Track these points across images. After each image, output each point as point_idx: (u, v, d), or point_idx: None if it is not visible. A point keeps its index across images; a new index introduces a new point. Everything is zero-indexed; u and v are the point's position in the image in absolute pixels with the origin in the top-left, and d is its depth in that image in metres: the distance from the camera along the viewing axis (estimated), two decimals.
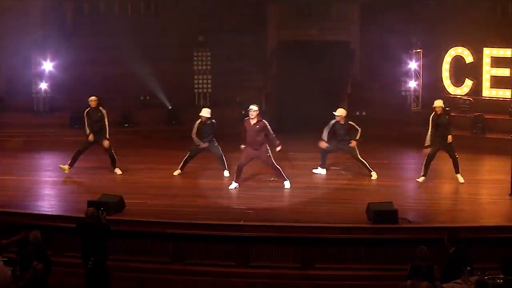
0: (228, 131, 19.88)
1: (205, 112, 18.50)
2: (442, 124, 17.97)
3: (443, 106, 18.22)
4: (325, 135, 18.39)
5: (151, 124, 24.23)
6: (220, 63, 25.16)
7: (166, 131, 23.82)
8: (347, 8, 26.45)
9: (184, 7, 27.05)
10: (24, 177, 18.79)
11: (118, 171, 18.81)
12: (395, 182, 17.78)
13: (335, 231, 14.45)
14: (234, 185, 17.40)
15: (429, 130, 18.04)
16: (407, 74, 24.30)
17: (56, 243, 14.67)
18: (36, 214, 15.58)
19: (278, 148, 17.30)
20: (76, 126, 22.60)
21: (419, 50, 24.29)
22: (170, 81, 25.00)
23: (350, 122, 18.33)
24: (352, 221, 14.93)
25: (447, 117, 18.19)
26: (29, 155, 21.33)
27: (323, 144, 18.39)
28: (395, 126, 23.37)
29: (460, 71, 24.17)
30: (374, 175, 18.20)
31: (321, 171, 18.75)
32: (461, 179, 17.96)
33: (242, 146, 17.35)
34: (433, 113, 18.12)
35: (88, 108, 19.05)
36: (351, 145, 18.13)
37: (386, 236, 14.32)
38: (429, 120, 18.11)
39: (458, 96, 23.90)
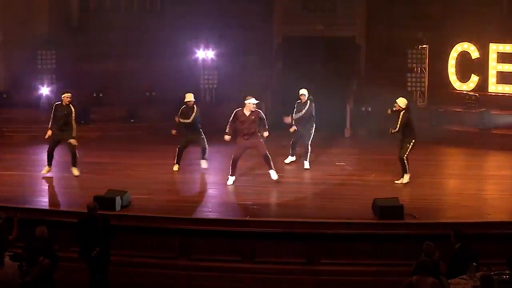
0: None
1: (189, 97, 18.53)
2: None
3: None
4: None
5: (156, 119, 24.22)
6: (225, 59, 25.14)
7: (172, 127, 23.79)
8: (353, 4, 26.40)
9: (189, 3, 27.04)
10: (30, 172, 18.82)
11: (75, 171, 18.13)
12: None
13: (341, 226, 14.45)
14: (231, 179, 17.30)
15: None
16: (412, 69, 24.26)
17: (62, 238, 14.70)
18: (42, 210, 15.62)
19: (266, 134, 17.13)
20: (82, 122, 22.61)
21: (425, 45, 24.24)
22: (176, 77, 25.03)
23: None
24: (358, 217, 14.92)
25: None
26: (34, 151, 21.35)
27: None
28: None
29: (466, 66, 24.14)
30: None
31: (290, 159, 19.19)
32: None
33: (227, 137, 17.29)
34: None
35: (58, 103, 18.48)
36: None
37: (392, 232, 14.30)
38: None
39: (464, 92, 23.87)
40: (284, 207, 15.95)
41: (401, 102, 17.19)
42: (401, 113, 17.00)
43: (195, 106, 18.48)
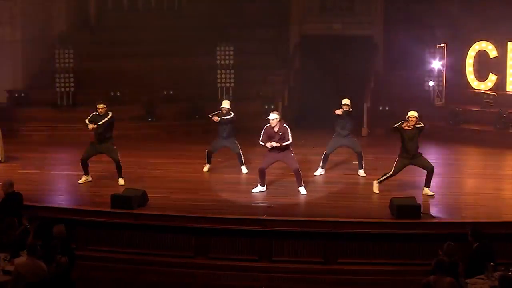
0: (250, 125, 19.90)
1: (226, 104, 18.48)
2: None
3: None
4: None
5: (174, 118, 24.26)
6: (243, 57, 25.16)
7: (189, 125, 23.87)
8: (370, 2, 26.37)
9: (207, 2, 27.09)
10: (48, 171, 18.91)
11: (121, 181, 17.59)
12: (418, 177, 17.68)
13: (358, 225, 14.43)
14: (258, 188, 16.74)
15: None
16: (430, 68, 24.19)
17: (80, 236, 14.76)
18: (60, 208, 15.66)
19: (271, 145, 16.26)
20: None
21: (443, 44, 24.17)
22: (193, 76, 25.09)
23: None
24: (375, 216, 14.90)
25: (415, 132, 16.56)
26: (53, 149, 21.45)
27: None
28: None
29: (484, 65, 24.05)
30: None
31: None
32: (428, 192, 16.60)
33: (271, 144, 16.38)
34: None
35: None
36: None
37: (409, 231, 14.27)
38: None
39: (482, 91, 23.77)
40: (301, 206, 15.94)
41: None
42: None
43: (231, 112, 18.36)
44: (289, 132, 16.28)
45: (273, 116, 16.34)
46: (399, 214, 14.54)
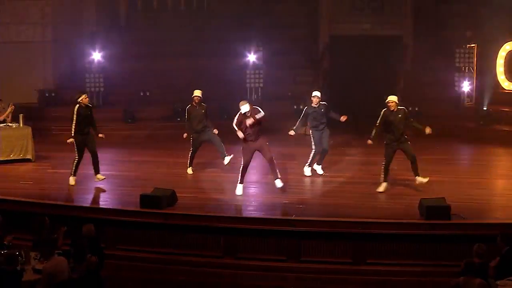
0: (279, 126, 19.91)
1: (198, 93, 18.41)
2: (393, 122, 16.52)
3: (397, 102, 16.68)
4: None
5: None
6: (272, 57, 25.16)
7: (218, 126, 23.87)
8: (400, 2, 26.28)
9: (236, 2, 27.13)
10: (78, 170, 19.01)
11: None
12: (449, 177, 17.58)
13: (387, 226, 14.36)
14: (240, 187, 16.63)
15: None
16: (460, 69, 24.07)
17: (109, 236, 14.83)
18: (89, 208, 15.77)
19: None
20: (129, 120, 22.79)
21: (473, 44, 24.02)
22: (223, 76, 25.11)
23: None
24: (404, 217, 14.83)
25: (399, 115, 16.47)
26: None
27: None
28: (448, 122, 23.16)
29: None
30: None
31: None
32: (422, 180, 16.67)
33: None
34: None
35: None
36: None
37: (438, 232, 14.19)
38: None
39: None
40: (330, 206, 15.90)
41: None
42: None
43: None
44: (260, 108, 16.39)
45: (245, 109, 16.31)
46: (428, 215, 14.46)
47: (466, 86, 24.06)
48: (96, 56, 24.60)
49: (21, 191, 16.75)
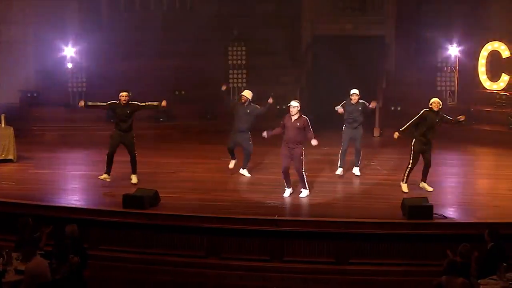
0: (265, 126, 19.88)
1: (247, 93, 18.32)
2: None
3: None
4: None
5: (186, 118, 24.29)
6: (255, 57, 25.15)
7: (201, 126, 23.91)
8: (382, 2, 26.32)
9: (219, 2, 27.10)
10: (60, 171, 18.96)
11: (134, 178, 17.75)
12: (431, 177, 17.65)
13: (370, 226, 14.41)
14: (288, 191, 16.50)
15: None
16: (442, 68, 24.14)
17: (92, 236, 14.79)
18: (72, 208, 15.70)
19: (314, 142, 16.10)
20: (112, 120, 22.68)
21: (455, 44, 24.10)
22: (205, 76, 25.08)
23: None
24: (387, 217, 14.87)
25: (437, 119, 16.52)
26: (64, 149, 21.52)
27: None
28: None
29: (497, 66, 23.98)
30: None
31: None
32: (427, 187, 16.83)
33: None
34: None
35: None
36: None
37: (421, 232, 14.25)
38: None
39: (495, 91, 23.72)
40: (313, 206, 15.92)
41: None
42: None
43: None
44: (309, 122, 16.18)
45: (296, 103, 16.29)
46: (411, 215, 14.51)
47: (448, 86, 24.11)
48: (79, 56, 24.51)
49: (3, 192, 16.67)
